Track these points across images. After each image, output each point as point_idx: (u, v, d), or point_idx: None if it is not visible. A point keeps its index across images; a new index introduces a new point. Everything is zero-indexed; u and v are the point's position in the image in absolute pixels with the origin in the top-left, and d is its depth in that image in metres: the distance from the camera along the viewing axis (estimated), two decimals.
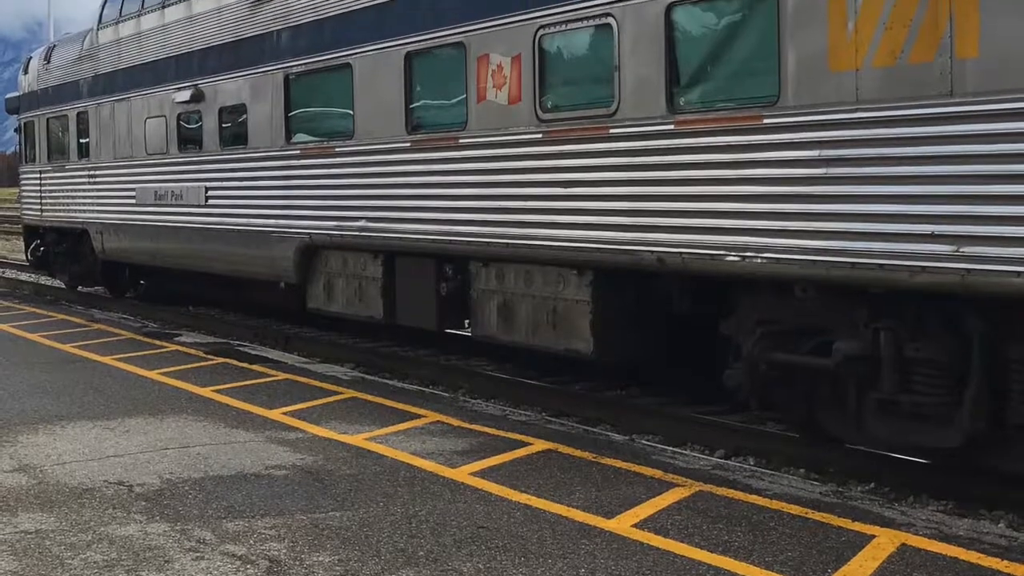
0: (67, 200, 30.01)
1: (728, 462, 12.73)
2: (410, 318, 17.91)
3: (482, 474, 11.36)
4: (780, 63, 11.68)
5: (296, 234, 19.97)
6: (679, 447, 13.56)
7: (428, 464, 11.76)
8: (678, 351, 14.92)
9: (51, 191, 31.07)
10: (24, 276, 37.83)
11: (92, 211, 28.45)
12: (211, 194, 22.72)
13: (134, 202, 25.92)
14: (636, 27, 13.35)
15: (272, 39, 20.49)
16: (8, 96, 35.05)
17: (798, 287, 11.90)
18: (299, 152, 19.87)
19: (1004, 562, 8.73)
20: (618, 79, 13.60)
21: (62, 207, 30.40)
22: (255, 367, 18.11)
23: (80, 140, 29.15)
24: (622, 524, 9.69)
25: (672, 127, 12.96)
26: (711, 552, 8.96)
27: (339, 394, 15.74)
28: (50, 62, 31.53)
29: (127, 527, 9.72)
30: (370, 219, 17.99)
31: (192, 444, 12.76)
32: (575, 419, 15.15)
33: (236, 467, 11.72)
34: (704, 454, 13.27)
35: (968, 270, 10.14)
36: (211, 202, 22.74)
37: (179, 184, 23.88)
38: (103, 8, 28.11)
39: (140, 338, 21.79)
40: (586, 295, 14.49)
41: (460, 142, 16.07)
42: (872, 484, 12.02)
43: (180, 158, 23.93)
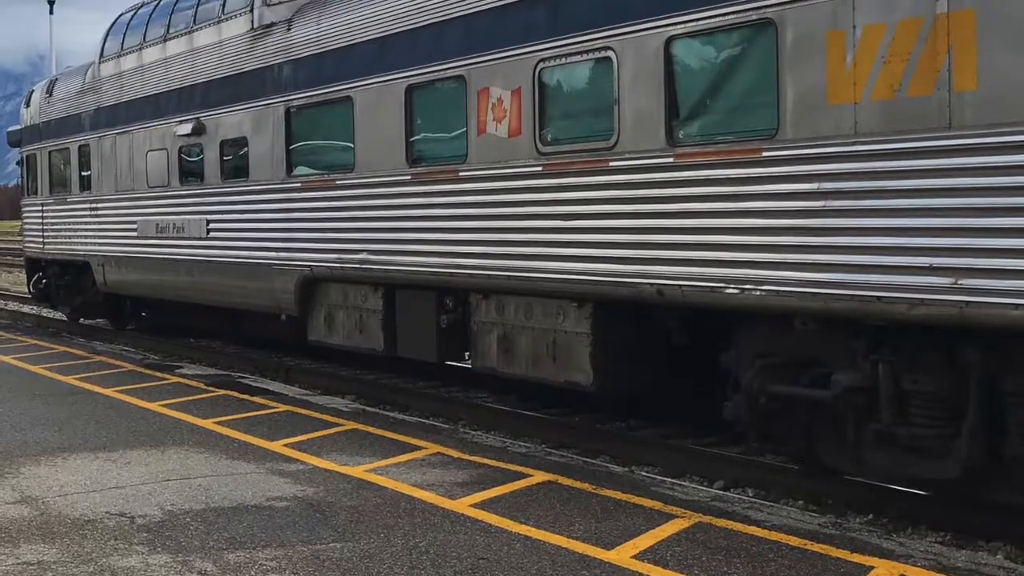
0: (69, 233, 30.06)
1: (727, 493, 12.77)
2: (411, 350, 17.94)
3: (482, 505, 11.39)
4: (779, 96, 11.73)
5: (297, 266, 20.02)
6: (678, 478, 13.58)
7: (428, 495, 11.80)
8: (678, 383, 14.96)
9: (53, 224, 31.13)
10: (26, 308, 37.86)
11: (94, 244, 28.50)
12: (212, 227, 22.78)
13: (136, 235, 25.97)
14: (636, 60, 13.42)
15: (273, 72, 20.57)
16: (10, 129, 35.13)
17: (797, 319, 11.94)
18: (300, 185, 19.94)
19: None
20: (618, 112, 13.67)
21: (64, 240, 30.45)
22: (256, 399, 18.15)
23: (82, 173, 29.21)
24: (622, 555, 9.72)
25: (671, 160, 13.01)
26: None
27: (340, 426, 15.77)
28: (52, 95, 31.61)
29: (129, 558, 9.76)
30: (371, 252, 18.04)
31: (194, 476, 12.80)
32: (575, 451, 15.18)
33: (237, 498, 11.76)
34: (703, 485, 13.30)
35: (966, 302, 10.17)
36: (212, 235, 22.80)
37: (181, 217, 23.94)
38: (105, 42, 28.21)
39: (142, 370, 21.82)
40: (586, 327, 14.53)
41: (460, 175, 16.13)
42: (871, 515, 12.05)
43: (181, 191, 23.99)
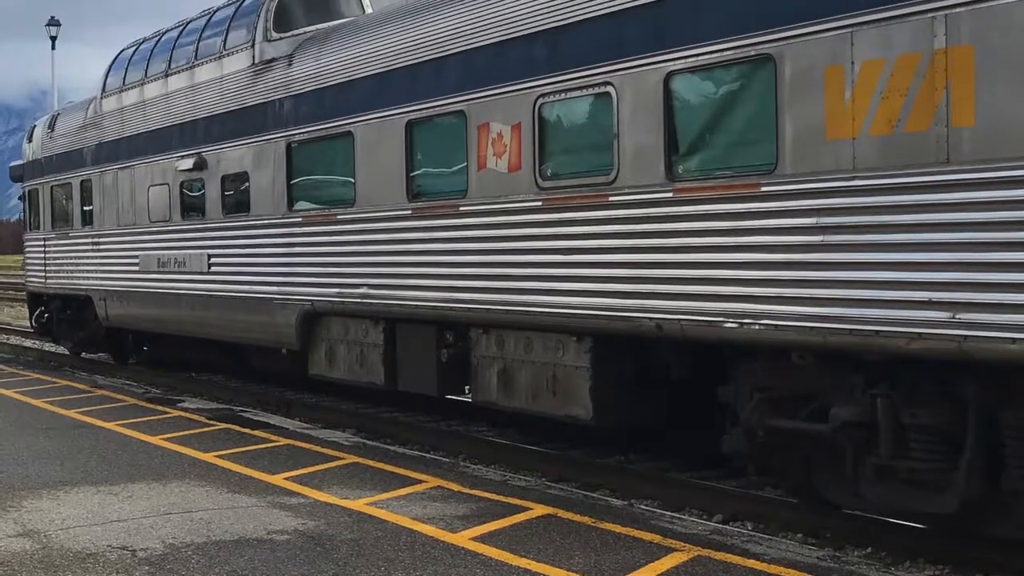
0: (71, 267, 30.14)
1: (726, 527, 12.80)
2: (411, 384, 17.98)
3: (482, 539, 11.42)
4: (778, 132, 11.79)
5: (298, 301, 20.08)
6: (678, 512, 13.62)
7: (429, 529, 11.83)
8: (677, 416, 14.99)
9: (55, 258, 31.21)
10: (28, 342, 37.89)
11: (96, 278, 28.58)
12: (214, 261, 22.85)
13: (137, 269, 26.04)
14: (635, 96, 13.49)
15: (274, 107, 20.66)
16: (12, 164, 35.23)
17: (795, 353, 12.00)
18: (301, 219, 20.01)
19: None
20: (617, 147, 13.73)
21: (66, 274, 30.53)
22: (257, 433, 18.18)
23: (84, 207, 29.29)
24: None
25: (671, 195, 13.07)
26: None
27: (340, 459, 15.80)
28: (54, 130, 31.72)
29: None
30: (372, 286, 18.10)
31: (195, 509, 12.83)
32: (575, 484, 15.21)
33: (238, 532, 11.79)
34: (702, 519, 13.34)
35: (964, 336, 10.21)
36: (214, 269, 22.86)
37: (182, 251, 24.01)
38: (107, 77, 28.32)
39: (143, 404, 21.86)
40: (585, 361, 14.57)
41: (461, 210, 16.20)
42: (869, 549, 12.08)
43: (183, 225, 24.07)
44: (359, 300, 18.42)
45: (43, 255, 32.00)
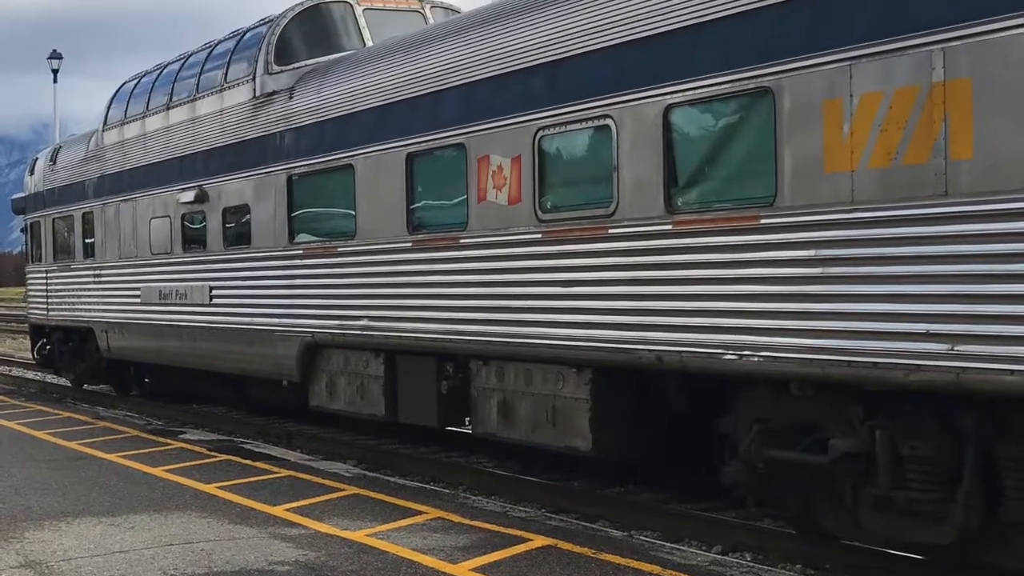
0: (73, 299, 30.21)
1: (726, 558, 12.81)
2: (412, 416, 18.00)
3: (482, 570, 11.45)
4: (777, 164, 11.82)
5: (299, 333, 20.13)
6: (677, 543, 13.61)
7: (429, 560, 11.86)
8: (677, 447, 15.01)
9: (57, 290, 31.28)
10: (30, 374, 37.91)
11: (97, 310, 28.62)
12: (215, 293, 22.89)
13: (139, 301, 26.09)
14: (635, 128, 13.54)
15: (275, 140, 20.73)
16: (14, 197, 35.33)
17: (794, 385, 12.04)
18: (302, 252, 20.06)
19: None
20: (617, 180, 13.78)
21: (68, 306, 30.59)
22: (258, 464, 18.21)
23: (85, 240, 29.37)
24: None
25: (670, 227, 13.11)
26: None
27: (341, 490, 15.83)
28: (56, 163, 31.81)
29: None
30: (372, 318, 18.14)
31: (196, 540, 12.86)
32: (574, 515, 15.21)
33: (240, 563, 11.82)
34: (702, 550, 13.33)
35: (962, 368, 10.23)
36: (215, 301, 22.91)
37: (183, 283, 24.06)
38: (108, 110, 28.42)
39: (145, 435, 21.90)
40: (585, 393, 14.60)
41: (461, 242, 16.25)
42: None
43: (184, 258, 24.13)
44: (360, 332, 18.46)
45: (45, 287, 32.07)
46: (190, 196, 23.46)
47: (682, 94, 12.95)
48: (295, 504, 14.84)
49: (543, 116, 14.81)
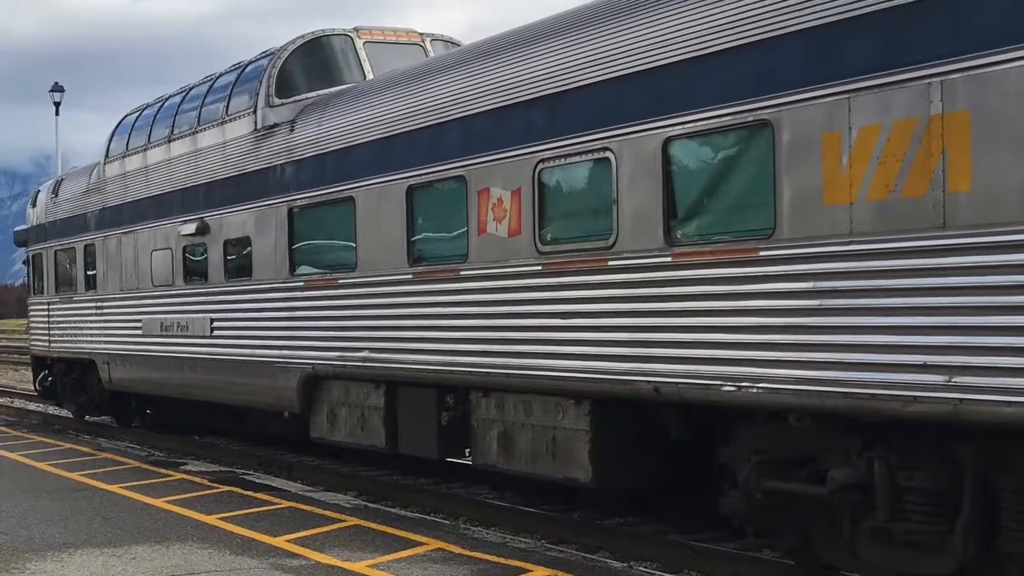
0: (74, 331, 30.25)
1: None
2: (412, 447, 18.02)
3: None
4: (776, 197, 11.85)
5: (299, 365, 20.16)
6: (676, 574, 13.65)
7: None
8: (678, 478, 15.03)
9: (59, 322, 31.32)
10: (32, 406, 37.90)
11: (99, 341, 28.66)
12: (216, 325, 22.94)
13: (140, 333, 26.12)
14: (634, 161, 13.59)
15: (276, 173, 20.79)
16: (16, 229, 35.43)
17: (793, 416, 12.06)
18: (303, 284, 20.11)
19: None
20: (616, 212, 13.82)
21: (70, 338, 30.63)
22: (259, 495, 18.23)
23: (87, 272, 29.42)
24: None
25: (670, 259, 13.15)
26: None
27: (342, 522, 15.85)
28: (58, 195, 31.88)
29: None
30: (373, 349, 18.18)
31: (198, 571, 12.88)
32: (574, 546, 15.22)
33: None
34: None
35: (960, 400, 10.25)
36: (216, 333, 22.95)
37: (185, 315, 24.10)
38: (110, 142, 28.51)
39: (146, 467, 21.92)
40: (584, 424, 14.62)
41: (461, 274, 16.29)
42: None
43: (186, 289, 24.17)
44: (360, 363, 18.49)
45: (47, 319, 32.11)
46: (191, 228, 23.51)
47: (682, 127, 13.00)
48: (296, 535, 14.86)
49: (543, 148, 14.86)
